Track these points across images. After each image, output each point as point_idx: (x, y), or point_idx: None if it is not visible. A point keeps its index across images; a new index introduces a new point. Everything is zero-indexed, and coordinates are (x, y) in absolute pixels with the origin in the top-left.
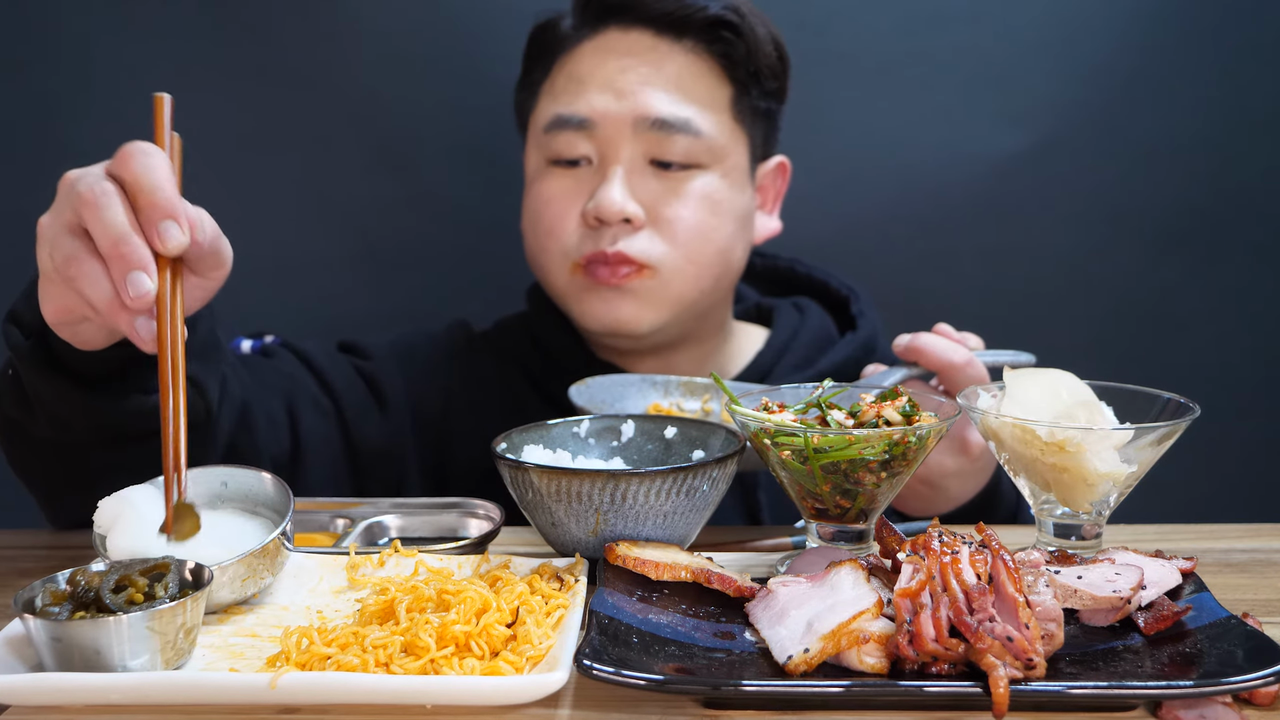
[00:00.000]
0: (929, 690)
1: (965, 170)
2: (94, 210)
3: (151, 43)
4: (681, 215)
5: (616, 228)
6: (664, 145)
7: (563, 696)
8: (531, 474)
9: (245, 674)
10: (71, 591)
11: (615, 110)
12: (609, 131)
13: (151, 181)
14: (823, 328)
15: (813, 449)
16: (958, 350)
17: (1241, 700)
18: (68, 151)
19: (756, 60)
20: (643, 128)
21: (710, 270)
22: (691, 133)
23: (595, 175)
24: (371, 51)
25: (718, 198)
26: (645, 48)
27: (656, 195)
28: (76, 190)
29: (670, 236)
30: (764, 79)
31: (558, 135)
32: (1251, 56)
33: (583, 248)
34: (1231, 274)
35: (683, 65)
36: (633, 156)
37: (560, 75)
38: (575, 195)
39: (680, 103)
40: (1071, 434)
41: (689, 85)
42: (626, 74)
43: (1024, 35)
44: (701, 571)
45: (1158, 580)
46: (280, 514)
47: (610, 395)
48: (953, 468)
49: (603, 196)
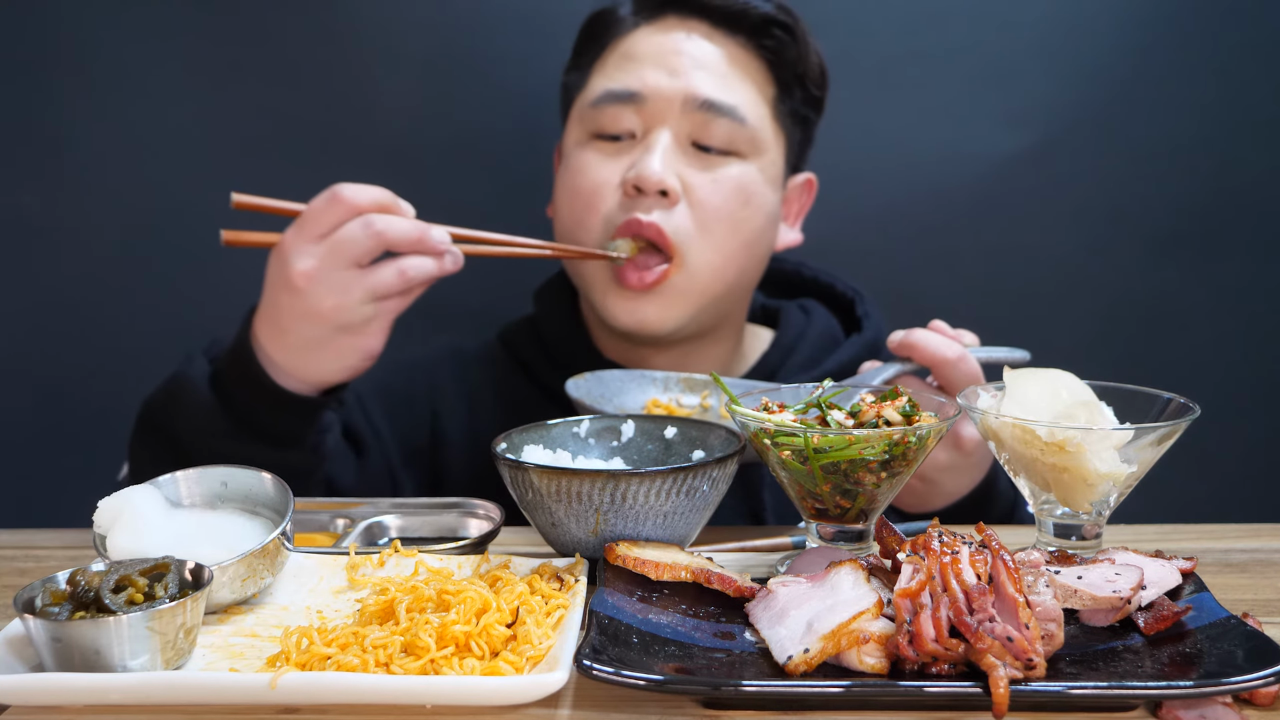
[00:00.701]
0: (929, 690)
1: (965, 170)
2: (392, 232)
3: (151, 43)
4: (715, 199)
5: (653, 198)
6: (708, 128)
7: (563, 696)
8: (531, 474)
9: (245, 674)
10: (71, 591)
11: (667, 86)
12: (658, 105)
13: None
14: (828, 329)
15: (813, 449)
16: (951, 346)
17: (1241, 700)
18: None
19: (804, 64)
20: (691, 107)
21: (735, 262)
22: (737, 119)
23: (637, 149)
24: (371, 51)
25: (752, 189)
26: (701, 35)
27: (694, 175)
28: (349, 249)
29: (702, 218)
30: (809, 83)
31: (605, 109)
32: (1251, 56)
33: (618, 218)
34: (1231, 274)
35: (734, 56)
36: (677, 133)
37: (614, 55)
38: (615, 167)
39: (729, 88)
40: (1071, 434)
41: (739, 75)
42: (680, 55)
43: (1024, 35)
44: (701, 571)
45: (1158, 580)
46: (280, 514)
47: (608, 389)
48: (946, 462)
49: (644, 165)
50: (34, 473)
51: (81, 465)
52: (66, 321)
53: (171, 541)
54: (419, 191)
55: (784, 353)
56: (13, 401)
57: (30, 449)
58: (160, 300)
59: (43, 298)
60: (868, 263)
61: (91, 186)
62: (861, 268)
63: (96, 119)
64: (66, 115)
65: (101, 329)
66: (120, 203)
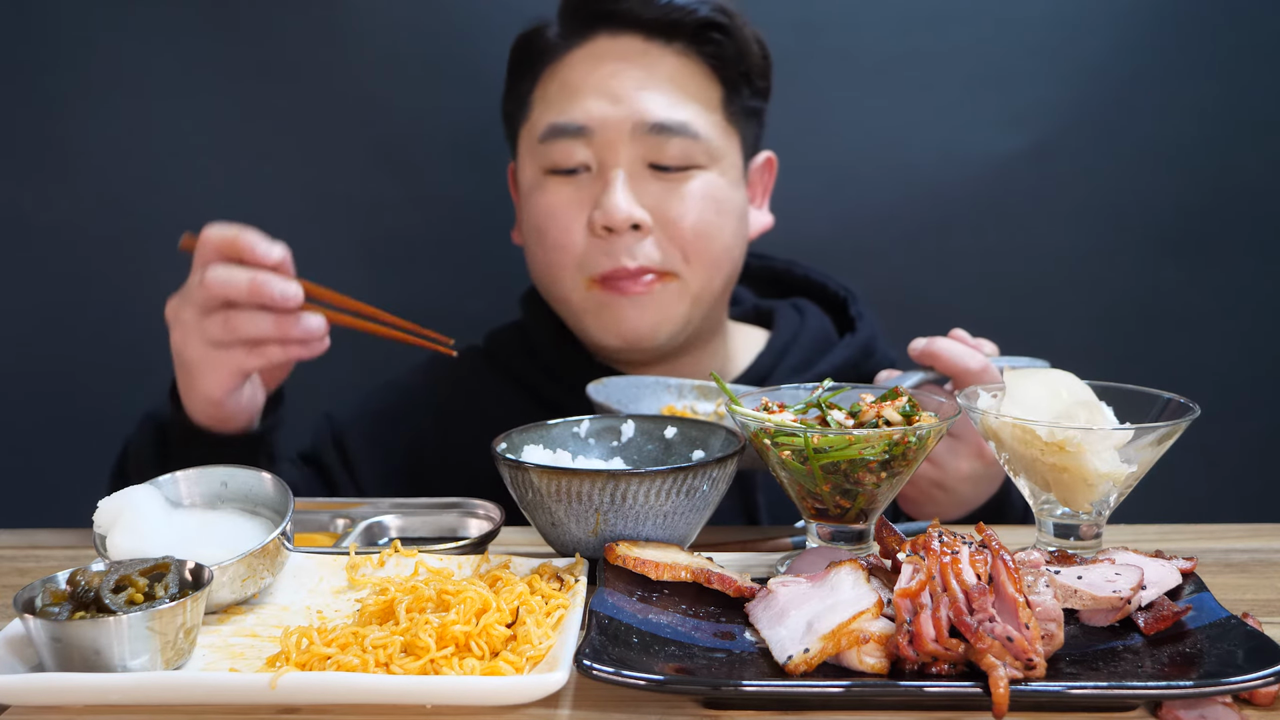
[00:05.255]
0: (929, 690)
1: (965, 170)
2: (220, 284)
3: (151, 43)
4: (686, 217)
5: (627, 236)
6: (662, 149)
7: (563, 696)
8: (531, 474)
9: (245, 674)
10: (71, 591)
11: (613, 115)
12: (608, 137)
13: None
14: (822, 329)
15: (813, 449)
16: (974, 356)
17: (1241, 700)
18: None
19: (746, 60)
20: (640, 132)
21: (720, 270)
22: (689, 135)
23: (595, 182)
24: (372, 51)
25: (719, 196)
26: (637, 52)
27: (659, 198)
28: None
29: (680, 240)
30: (753, 78)
31: (554, 144)
32: (1251, 57)
33: (600, 263)
34: (1231, 274)
35: (675, 68)
36: (631, 161)
37: (552, 84)
38: (578, 204)
39: (676, 105)
40: (1071, 434)
41: (682, 87)
42: (620, 78)
43: (1024, 35)
44: (701, 571)
45: (1158, 580)
46: (280, 514)
47: (625, 396)
48: (967, 471)
49: (609, 205)
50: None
51: (81, 465)
52: (67, 321)
53: (171, 541)
54: (419, 191)
55: (778, 354)
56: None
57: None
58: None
59: (43, 297)
60: (867, 263)
61: (91, 186)
62: (861, 268)
63: (96, 119)
64: (66, 115)
65: (101, 329)
66: (120, 202)
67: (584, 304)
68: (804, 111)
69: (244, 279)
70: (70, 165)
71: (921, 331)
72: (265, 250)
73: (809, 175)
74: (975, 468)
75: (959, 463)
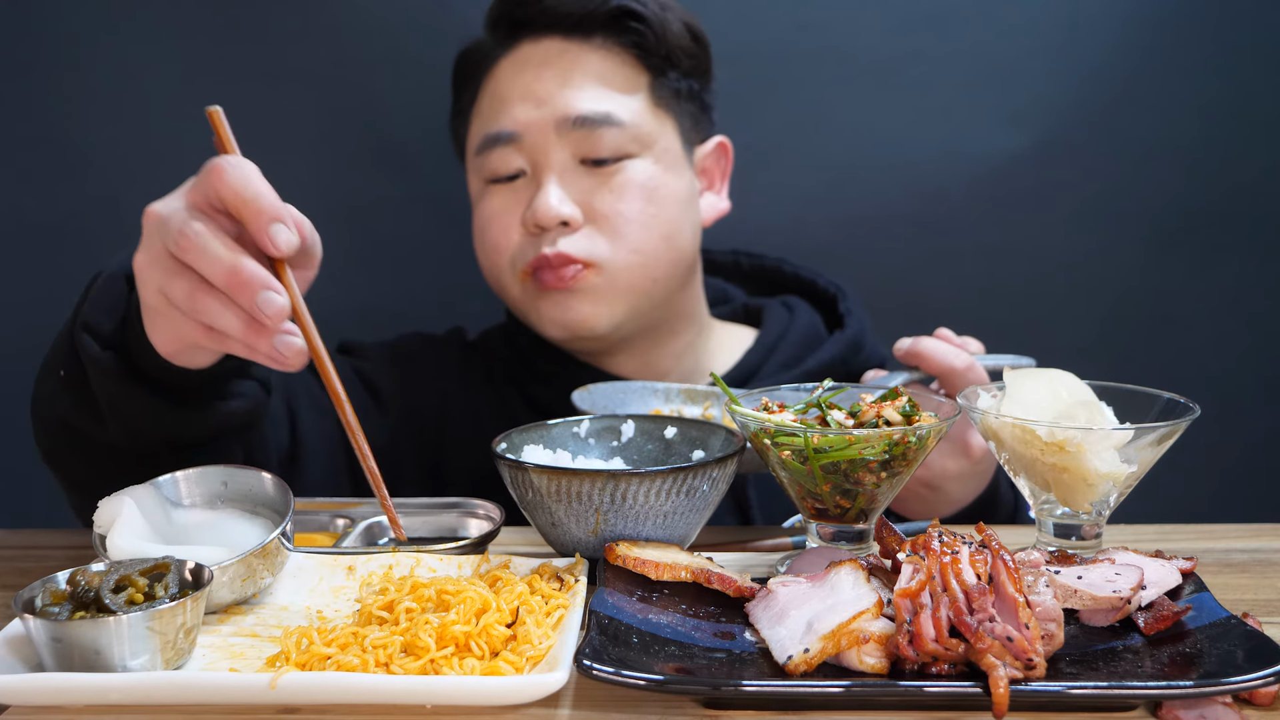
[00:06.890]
0: (929, 690)
1: (965, 170)
2: (195, 252)
3: (152, 43)
4: (619, 208)
5: (555, 231)
6: (591, 142)
7: (563, 696)
8: (531, 474)
9: (245, 674)
10: (71, 591)
11: (537, 117)
12: (535, 139)
13: (252, 190)
14: (811, 326)
15: (813, 449)
16: (959, 355)
17: (1241, 700)
18: (68, 151)
19: (668, 44)
20: (566, 129)
21: (659, 258)
22: (614, 124)
23: (531, 185)
24: (372, 52)
25: (653, 184)
26: (557, 53)
27: (591, 193)
28: (169, 231)
29: (611, 230)
30: (679, 60)
31: (490, 154)
32: (1251, 56)
33: (526, 254)
34: (1231, 274)
35: (598, 63)
36: (563, 159)
37: (484, 97)
38: (515, 207)
39: (598, 98)
40: (1071, 434)
41: (606, 80)
42: (542, 80)
43: (1024, 35)
44: (701, 571)
45: (1158, 580)
46: (280, 514)
47: (612, 402)
48: (954, 470)
49: (538, 203)
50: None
51: None
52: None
53: (171, 541)
54: (419, 191)
55: (766, 351)
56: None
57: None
58: None
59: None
60: (866, 263)
61: (91, 186)
62: (860, 268)
63: (96, 119)
64: (66, 115)
65: None
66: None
67: (523, 298)
68: (804, 111)
69: (224, 265)
70: (70, 165)
71: (922, 330)
72: (273, 236)
73: (809, 174)
74: (963, 466)
75: (945, 462)
